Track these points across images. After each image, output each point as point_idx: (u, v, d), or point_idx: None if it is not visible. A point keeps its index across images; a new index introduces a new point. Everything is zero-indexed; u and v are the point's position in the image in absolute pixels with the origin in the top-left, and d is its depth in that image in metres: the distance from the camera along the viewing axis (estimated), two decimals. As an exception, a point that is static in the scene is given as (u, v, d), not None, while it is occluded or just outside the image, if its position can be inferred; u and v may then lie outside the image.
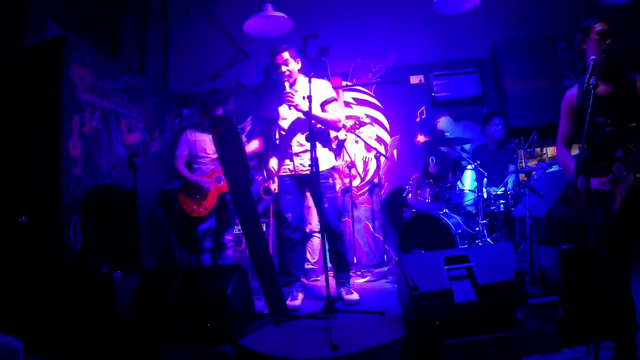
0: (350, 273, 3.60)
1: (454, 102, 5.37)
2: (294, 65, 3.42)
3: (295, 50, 3.45)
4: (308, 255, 4.45)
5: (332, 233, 3.39)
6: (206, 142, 4.08)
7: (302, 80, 3.45)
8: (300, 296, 3.42)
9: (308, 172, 3.34)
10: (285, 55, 3.37)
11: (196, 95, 5.51)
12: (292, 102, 3.24)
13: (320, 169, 3.26)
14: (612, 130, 2.12)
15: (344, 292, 3.40)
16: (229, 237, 4.05)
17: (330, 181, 3.45)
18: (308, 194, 3.71)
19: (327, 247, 3.38)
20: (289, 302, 3.27)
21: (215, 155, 4.04)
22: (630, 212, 2.05)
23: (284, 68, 3.37)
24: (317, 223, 4.35)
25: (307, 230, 4.39)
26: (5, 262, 3.26)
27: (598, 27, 2.18)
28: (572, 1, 3.67)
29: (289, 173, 3.46)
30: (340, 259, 3.45)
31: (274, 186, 4.67)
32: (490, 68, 5.39)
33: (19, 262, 3.31)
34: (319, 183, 3.14)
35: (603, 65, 2.04)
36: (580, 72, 2.36)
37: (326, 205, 3.32)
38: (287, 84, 3.39)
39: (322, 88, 3.46)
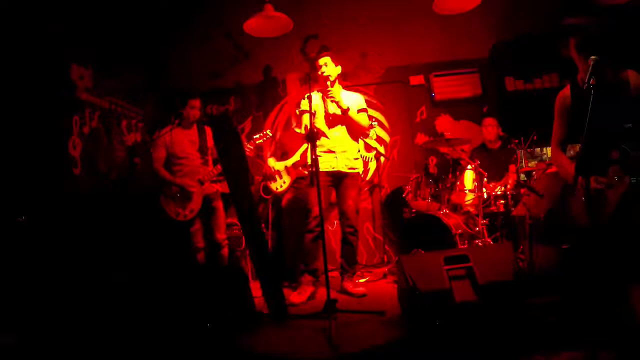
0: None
1: (454, 101, 5.38)
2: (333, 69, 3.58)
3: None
4: None
5: (351, 226, 3.56)
6: (184, 142, 3.95)
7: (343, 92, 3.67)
8: (309, 291, 3.46)
9: (337, 171, 3.58)
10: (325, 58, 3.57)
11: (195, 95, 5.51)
12: (332, 97, 3.44)
13: (352, 170, 3.59)
14: (609, 131, 2.11)
15: (350, 286, 3.52)
16: (222, 236, 4.00)
17: (358, 181, 3.68)
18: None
19: (326, 247, 3.39)
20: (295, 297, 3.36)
21: (195, 155, 3.99)
22: (626, 213, 2.05)
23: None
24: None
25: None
26: (4, 262, 3.26)
27: (574, 38, 2.18)
28: (572, 1, 3.67)
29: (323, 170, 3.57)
30: (352, 252, 3.62)
31: (274, 186, 4.68)
32: (490, 68, 5.39)
33: (18, 262, 3.31)
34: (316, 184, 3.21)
35: (598, 65, 2.04)
36: (575, 72, 2.35)
37: (349, 202, 3.55)
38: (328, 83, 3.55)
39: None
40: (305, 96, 3.28)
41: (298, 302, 3.30)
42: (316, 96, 3.63)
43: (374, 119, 5.45)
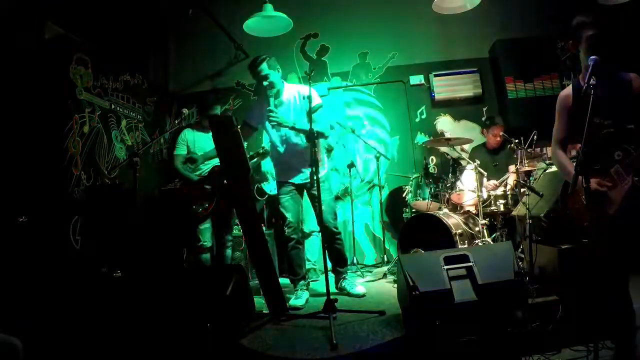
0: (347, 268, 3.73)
1: (454, 101, 5.38)
2: (275, 76, 3.39)
3: (273, 59, 3.42)
4: (308, 255, 4.45)
5: (330, 232, 3.48)
6: (205, 142, 4.05)
7: (287, 89, 3.49)
8: (305, 295, 3.46)
9: (304, 182, 3.49)
10: (264, 67, 3.34)
11: (196, 95, 5.51)
12: (274, 121, 3.25)
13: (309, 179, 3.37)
14: (611, 132, 2.11)
15: (348, 287, 3.53)
16: (227, 237, 4.04)
17: (326, 184, 3.53)
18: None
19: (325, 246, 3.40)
20: (293, 301, 3.32)
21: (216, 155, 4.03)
22: (628, 214, 2.05)
23: (265, 83, 3.36)
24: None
25: (307, 230, 4.40)
26: (4, 262, 3.26)
27: (586, 33, 2.13)
28: (572, 1, 3.67)
29: (286, 180, 3.54)
30: (338, 255, 3.59)
31: (268, 187, 4.70)
32: (490, 68, 5.39)
33: (18, 262, 3.31)
34: (317, 186, 3.16)
35: (600, 65, 2.03)
36: (578, 72, 2.33)
37: (323, 207, 3.36)
38: (271, 99, 3.36)
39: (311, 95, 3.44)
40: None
41: (298, 305, 3.29)
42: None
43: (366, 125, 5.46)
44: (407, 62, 5.52)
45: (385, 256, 5.12)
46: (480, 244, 3.75)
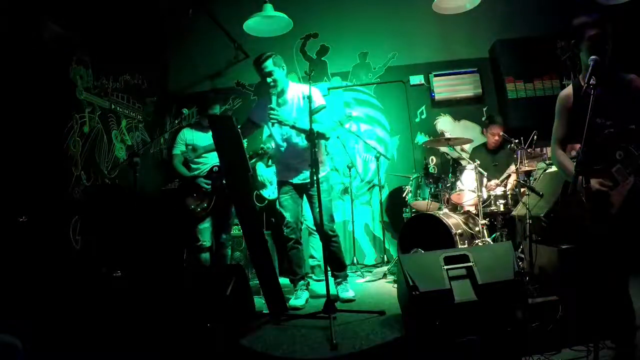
0: (347, 272, 3.66)
1: (454, 101, 5.38)
2: (280, 73, 3.36)
3: (279, 57, 3.40)
4: (314, 252, 4.45)
5: (325, 234, 3.38)
6: (204, 141, 4.04)
7: (291, 88, 3.48)
8: (305, 295, 3.46)
9: (303, 183, 3.47)
10: (269, 63, 3.32)
11: (196, 95, 5.51)
12: (275, 119, 3.23)
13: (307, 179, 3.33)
14: (612, 132, 2.11)
15: (340, 291, 3.50)
16: (227, 236, 4.04)
17: (325, 185, 3.47)
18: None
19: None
20: (292, 301, 3.32)
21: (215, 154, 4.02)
22: (629, 214, 2.05)
23: (269, 79, 3.33)
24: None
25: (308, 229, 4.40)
26: (4, 263, 3.26)
27: (588, 32, 2.10)
28: (572, 1, 3.67)
29: (286, 180, 3.53)
30: (334, 259, 3.51)
31: (267, 193, 4.71)
32: (490, 68, 5.39)
33: (18, 262, 3.31)
34: (315, 187, 3.11)
35: (600, 65, 2.02)
36: (578, 72, 2.33)
37: (319, 209, 3.27)
38: (274, 97, 3.32)
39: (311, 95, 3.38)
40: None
41: (298, 305, 3.30)
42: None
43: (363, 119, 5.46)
44: (407, 62, 5.52)
45: (385, 256, 5.12)
46: (480, 244, 3.75)
